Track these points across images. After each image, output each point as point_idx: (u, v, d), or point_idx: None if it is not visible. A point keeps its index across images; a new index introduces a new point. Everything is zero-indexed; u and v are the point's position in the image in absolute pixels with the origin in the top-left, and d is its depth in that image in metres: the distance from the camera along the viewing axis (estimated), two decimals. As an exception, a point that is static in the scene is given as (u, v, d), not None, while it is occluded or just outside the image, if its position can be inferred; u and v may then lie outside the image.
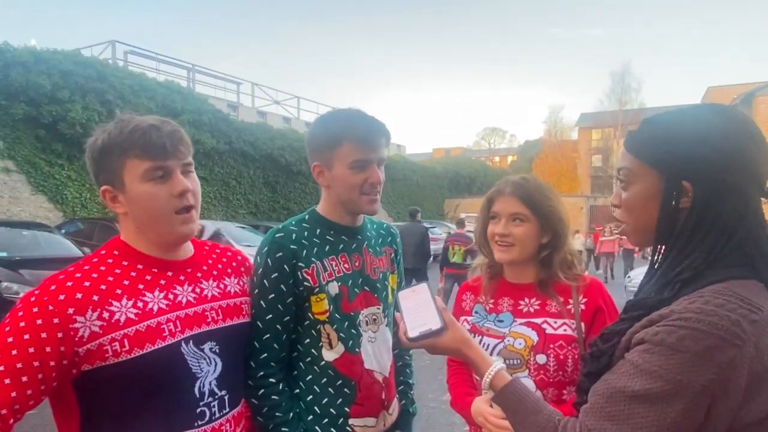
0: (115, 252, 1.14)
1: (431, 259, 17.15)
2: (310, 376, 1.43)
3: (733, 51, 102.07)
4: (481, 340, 1.48)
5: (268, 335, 1.36)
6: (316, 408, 1.41)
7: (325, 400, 1.42)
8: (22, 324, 0.97)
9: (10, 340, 0.95)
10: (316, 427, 1.40)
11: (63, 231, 9.47)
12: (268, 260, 1.38)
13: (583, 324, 1.42)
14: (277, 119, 28.80)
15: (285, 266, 1.37)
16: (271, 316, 1.36)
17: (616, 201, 1.01)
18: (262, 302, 1.37)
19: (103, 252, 1.14)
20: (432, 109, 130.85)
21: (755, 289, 0.83)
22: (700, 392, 0.77)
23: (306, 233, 1.44)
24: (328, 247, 1.45)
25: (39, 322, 0.97)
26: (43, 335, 0.97)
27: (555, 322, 1.43)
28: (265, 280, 1.37)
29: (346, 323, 1.43)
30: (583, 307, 1.43)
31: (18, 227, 8.28)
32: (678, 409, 0.78)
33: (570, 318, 1.43)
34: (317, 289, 1.39)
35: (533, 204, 1.45)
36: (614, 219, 1.06)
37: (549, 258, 1.46)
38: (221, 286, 1.26)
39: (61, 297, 1.00)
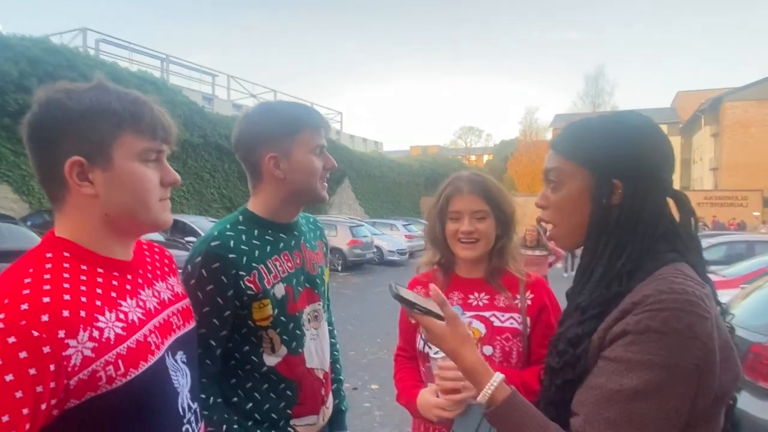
0: (66, 253, 0.90)
1: (407, 255, 17.37)
2: (250, 384, 1.36)
3: (702, 58, 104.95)
4: None
5: (200, 350, 1.22)
6: (256, 415, 1.36)
7: (267, 406, 1.36)
8: None
9: None
10: (258, 431, 1.35)
11: (29, 223, 9.18)
12: (203, 271, 1.27)
13: (528, 318, 1.48)
14: (254, 113, 28.42)
15: (223, 277, 1.27)
16: (204, 330, 1.25)
17: (544, 202, 1.04)
18: (195, 315, 1.23)
19: (49, 254, 0.89)
20: (410, 106, 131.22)
21: (690, 270, 0.88)
22: (693, 371, 0.77)
23: (244, 237, 1.35)
24: (269, 247, 1.38)
25: (23, 355, 0.74)
26: (32, 371, 0.74)
27: (502, 316, 1.48)
28: (198, 293, 1.25)
29: (291, 325, 1.38)
30: (529, 302, 1.50)
31: (-19, 219, 8.00)
32: (678, 393, 0.77)
33: (517, 312, 1.48)
34: (261, 295, 1.32)
35: (491, 199, 1.51)
36: None
37: (502, 249, 1.53)
38: (169, 287, 1.11)
39: (45, 317, 0.77)
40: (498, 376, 0.97)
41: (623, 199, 0.93)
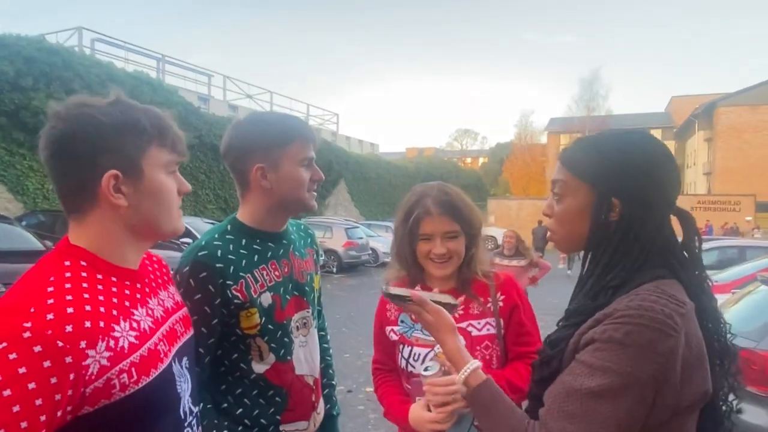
0: (83, 263, 0.92)
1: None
2: (240, 390, 1.38)
3: (697, 63, 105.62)
4: (411, 351, 1.51)
5: None
6: (246, 420, 1.38)
7: (256, 411, 1.39)
8: (22, 370, 0.74)
9: (7, 393, 0.73)
10: None
11: (24, 223, 9.15)
12: (191, 281, 1.29)
13: (501, 320, 1.50)
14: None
15: (210, 287, 1.30)
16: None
17: (549, 211, 1.09)
18: None
19: (67, 263, 0.91)
20: (406, 108, 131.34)
21: (677, 287, 0.95)
22: (648, 382, 0.85)
23: (232, 246, 1.37)
24: (256, 257, 1.40)
25: (47, 364, 0.76)
26: (53, 380, 0.76)
27: (478, 323, 1.49)
28: (187, 301, 1.26)
29: (279, 333, 1.40)
30: (501, 303, 1.52)
31: (-25, 218, 7.98)
32: (631, 400, 0.85)
33: (491, 316, 1.50)
34: (248, 305, 1.34)
35: (461, 218, 1.49)
36: None
37: (471, 259, 1.53)
38: (170, 295, 1.15)
39: (69, 328, 0.79)
40: (473, 363, 1.07)
41: (620, 217, 0.98)
